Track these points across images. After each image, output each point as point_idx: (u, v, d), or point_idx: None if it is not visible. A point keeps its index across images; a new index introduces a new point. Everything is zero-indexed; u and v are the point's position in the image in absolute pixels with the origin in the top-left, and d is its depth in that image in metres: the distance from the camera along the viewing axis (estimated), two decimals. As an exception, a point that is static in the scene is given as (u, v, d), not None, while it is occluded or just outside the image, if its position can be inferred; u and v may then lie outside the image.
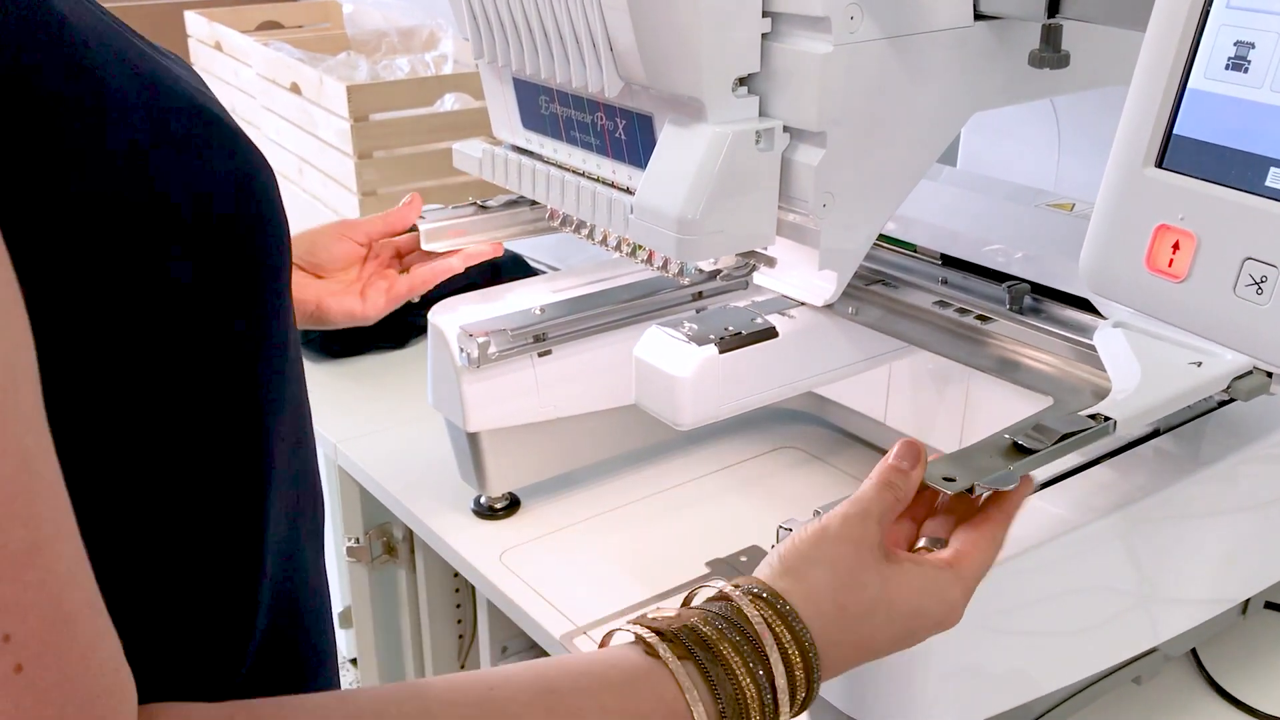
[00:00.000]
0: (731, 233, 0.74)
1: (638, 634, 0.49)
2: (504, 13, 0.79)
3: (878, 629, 0.54)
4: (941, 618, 0.56)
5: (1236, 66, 0.48)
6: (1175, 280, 0.50)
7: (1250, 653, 0.83)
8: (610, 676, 0.48)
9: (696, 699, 0.47)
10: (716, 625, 0.50)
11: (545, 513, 0.98)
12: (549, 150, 0.86)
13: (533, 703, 0.45)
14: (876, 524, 0.56)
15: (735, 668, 0.49)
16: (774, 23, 0.71)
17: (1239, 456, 0.75)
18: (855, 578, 0.54)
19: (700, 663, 0.48)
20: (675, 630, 0.49)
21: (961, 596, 0.56)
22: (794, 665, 0.50)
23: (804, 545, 0.55)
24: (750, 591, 0.52)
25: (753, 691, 0.49)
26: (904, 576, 0.55)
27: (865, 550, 0.55)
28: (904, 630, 0.55)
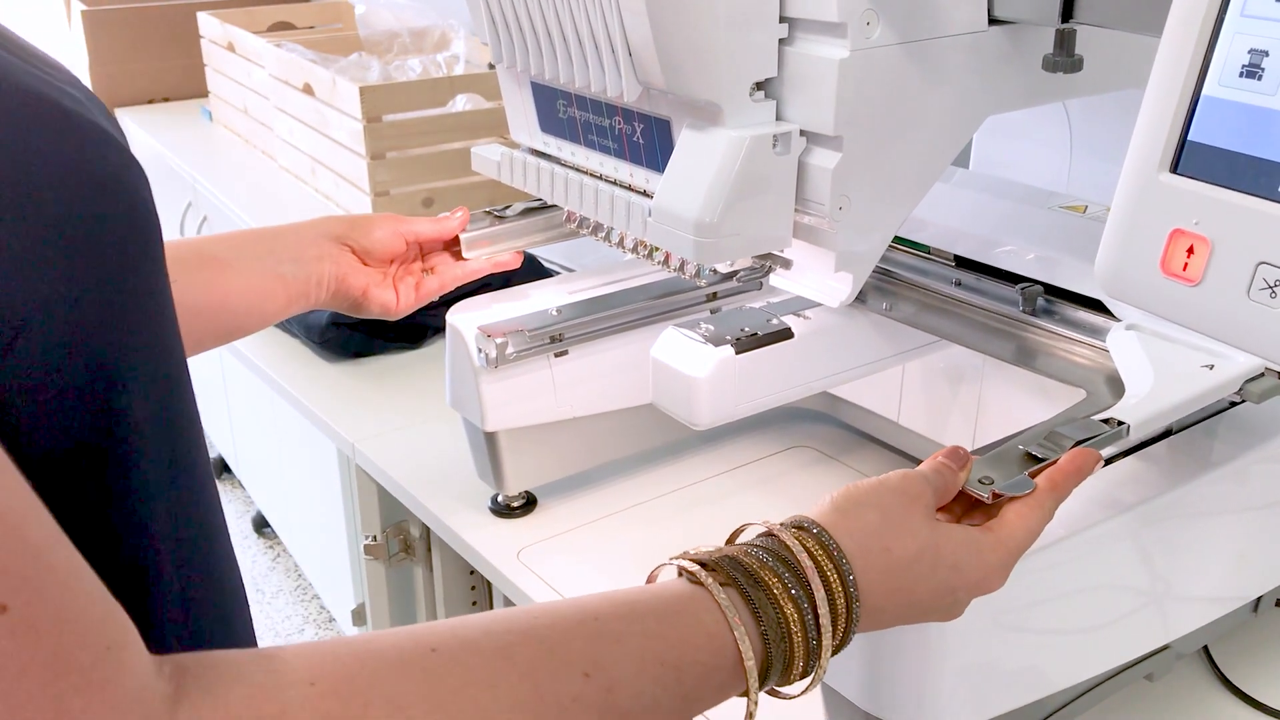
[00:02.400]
0: (748, 235, 0.74)
1: (681, 566, 0.51)
2: (523, 18, 0.80)
3: (920, 579, 0.55)
4: (980, 579, 0.57)
5: (1250, 74, 0.49)
6: (1190, 284, 0.51)
7: (1262, 650, 0.84)
8: (653, 604, 0.49)
9: (738, 622, 0.48)
10: (758, 556, 0.51)
11: (562, 511, 0.99)
12: (567, 154, 0.87)
13: (573, 630, 0.46)
14: (931, 489, 0.57)
15: (777, 593, 0.50)
16: (790, 28, 0.71)
17: (1251, 456, 0.76)
18: (904, 524, 0.55)
19: (742, 588, 0.49)
20: (717, 560, 0.50)
21: (1001, 561, 0.57)
22: (835, 593, 0.51)
23: (858, 490, 0.57)
24: (794, 525, 0.54)
25: (795, 616, 0.49)
26: (949, 531, 0.57)
27: (918, 503, 0.56)
28: (944, 585, 0.56)
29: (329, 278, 0.85)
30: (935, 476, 0.59)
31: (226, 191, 2.04)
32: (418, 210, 1.76)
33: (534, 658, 0.44)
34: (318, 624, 2.23)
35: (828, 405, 1.10)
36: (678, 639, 0.48)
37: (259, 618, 2.24)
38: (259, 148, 2.21)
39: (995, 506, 0.60)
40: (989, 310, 0.86)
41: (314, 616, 2.25)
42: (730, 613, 0.49)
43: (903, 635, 0.63)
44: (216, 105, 2.41)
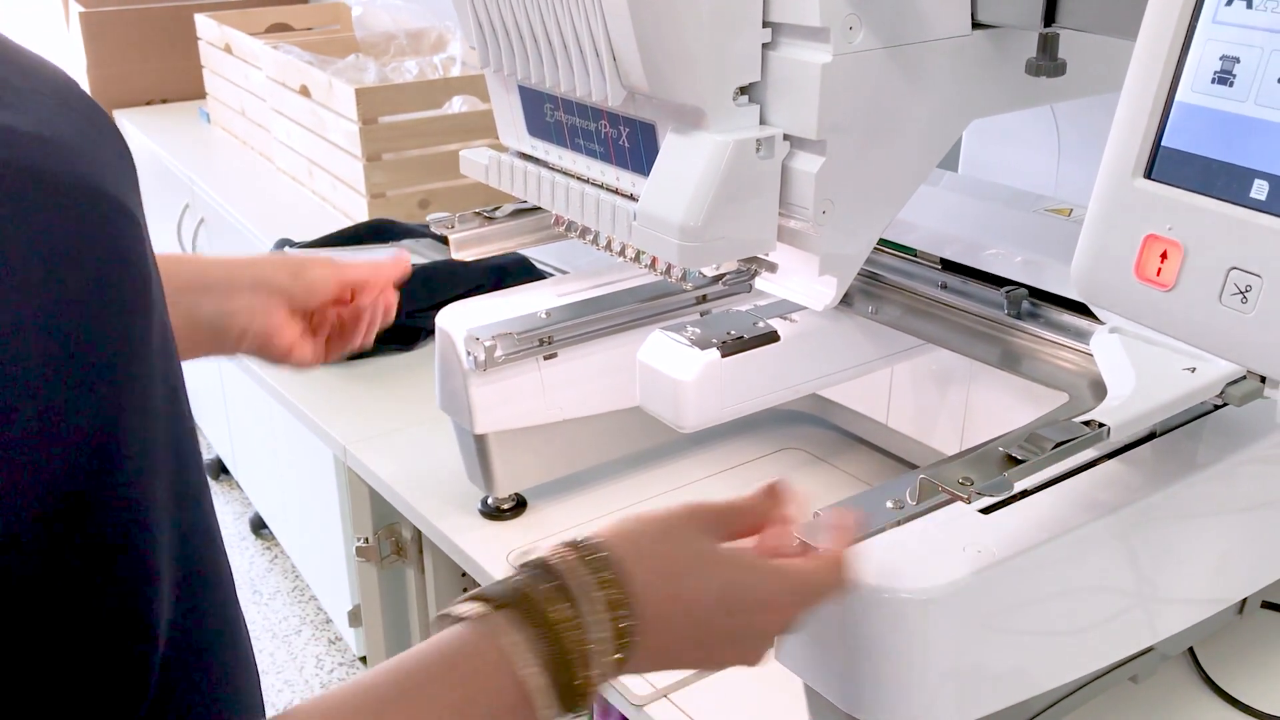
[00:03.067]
0: (733, 239, 0.75)
1: (446, 615, 0.51)
2: (509, 23, 0.80)
3: (701, 586, 0.55)
4: (765, 599, 0.57)
5: (1222, 80, 0.49)
6: (1163, 289, 0.51)
7: (1247, 652, 0.84)
8: (441, 655, 0.49)
9: (513, 646, 0.48)
10: (524, 577, 0.52)
11: (552, 513, 1.00)
12: (554, 157, 0.88)
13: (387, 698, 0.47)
14: (716, 514, 0.58)
15: (536, 597, 0.50)
16: (774, 33, 0.72)
17: (1235, 458, 0.76)
18: (682, 534, 0.56)
19: (507, 604, 0.50)
20: (488, 594, 0.51)
21: (784, 588, 0.58)
22: (591, 584, 0.51)
23: (642, 513, 0.57)
24: (559, 544, 0.54)
25: (563, 614, 0.50)
26: (732, 551, 0.58)
27: (701, 519, 0.58)
28: (726, 600, 0.56)
29: (253, 333, 0.78)
30: (727, 505, 0.60)
31: (224, 193, 2.04)
32: (414, 212, 1.77)
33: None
34: (315, 625, 2.23)
35: (817, 407, 1.10)
36: (467, 681, 0.48)
37: (257, 619, 2.25)
38: (256, 149, 2.22)
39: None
40: (974, 314, 0.86)
41: (311, 617, 2.25)
42: (505, 635, 0.49)
43: (886, 636, 0.64)
44: (214, 107, 2.42)
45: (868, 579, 0.63)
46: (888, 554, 0.65)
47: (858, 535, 0.63)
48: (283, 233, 1.64)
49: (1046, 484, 0.72)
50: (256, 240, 1.83)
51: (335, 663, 2.14)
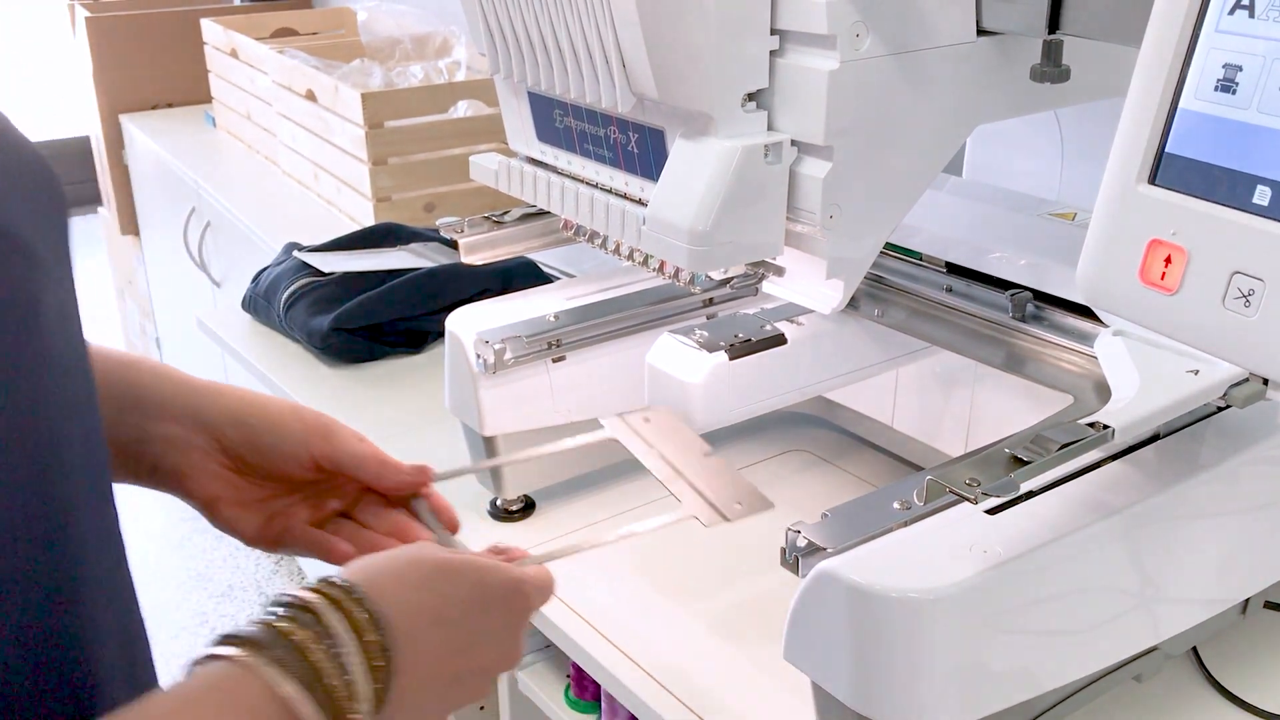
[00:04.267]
0: (741, 244, 0.76)
1: (215, 654, 0.50)
2: (519, 30, 0.81)
3: (450, 591, 0.56)
4: (512, 588, 0.59)
5: (1225, 88, 0.50)
6: (1167, 293, 0.52)
7: (1250, 651, 0.85)
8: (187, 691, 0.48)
9: (267, 665, 0.48)
10: (273, 615, 0.51)
11: (559, 515, 1.01)
12: (563, 162, 0.89)
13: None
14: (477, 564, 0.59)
15: (283, 626, 0.50)
16: (781, 40, 0.73)
17: (1238, 459, 0.77)
18: (421, 555, 0.58)
19: (257, 641, 0.49)
20: (243, 635, 0.50)
21: (520, 578, 0.60)
22: (339, 602, 0.52)
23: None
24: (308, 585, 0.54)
25: (306, 636, 0.50)
26: (466, 554, 0.60)
27: (445, 552, 0.59)
28: (480, 598, 0.57)
29: (165, 470, 0.66)
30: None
31: (229, 197, 2.05)
32: (420, 216, 1.78)
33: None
34: (321, 626, 2.24)
35: (823, 409, 1.11)
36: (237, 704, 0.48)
37: (262, 620, 2.26)
38: (262, 153, 2.23)
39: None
40: (979, 317, 0.87)
41: (317, 619, 2.26)
42: (260, 667, 0.48)
43: (893, 635, 0.65)
44: (220, 111, 2.43)
45: (876, 579, 0.63)
46: (895, 554, 0.66)
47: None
48: (289, 237, 1.65)
49: (1052, 485, 0.73)
50: (262, 244, 1.84)
51: (341, 664, 2.14)
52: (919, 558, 0.66)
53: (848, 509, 0.69)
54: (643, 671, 0.82)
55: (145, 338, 3.03)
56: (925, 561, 0.66)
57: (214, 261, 2.21)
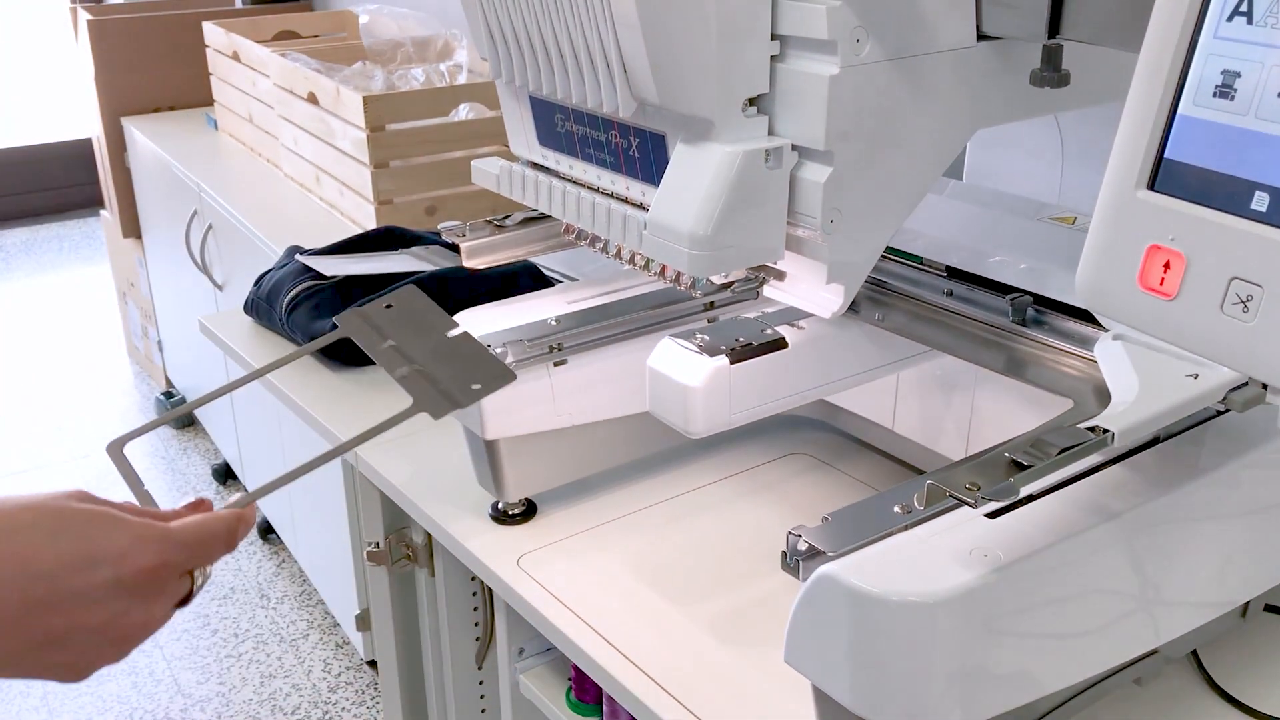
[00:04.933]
0: (742, 248, 0.76)
1: None
2: (522, 35, 0.82)
3: (42, 541, 0.52)
4: (127, 549, 0.54)
5: (1223, 94, 0.50)
6: (1166, 298, 0.52)
7: (1250, 655, 0.85)
8: None
9: None
10: None
11: (561, 518, 1.01)
12: (565, 167, 0.89)
13: None
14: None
15: None
16: (782, 45, 0.73)
17: (1238, 463, 0.77)
18: (47, 502, 0.53)
19: None
20: None
21: (156, 536, 0.55)
22: None
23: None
24: None
25: None
26: (91, 507, 0.54)
27: (76, 503, 0.54)
28: (84, 554, 0.52)
29: None
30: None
31: (231, 200, 2.05)
32: (421, 218, 1.78)
33: None
34: (322, 629, 2.24)
35: (824, 413, 1.11)
36: None
37: (265, 623, 2.26)
38: (264, 156, 2.23)
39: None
40: (980, 321, 0.87)
41: (319, 621, 2.26)
42: None
43: (894, 639, 0.65)
44: (221, 114, 2.43)
45: (876, 583, 0.64)
46: (896, 558, 0.66)
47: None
48: (290, 240, 1.65)
49: (1052, 489, 0.73)
50: (264, 246, 1.84)
51: (343, 666, 2.15)
52: (920, 561, 0.66)
53: (848, 513, 0.69)
54: (643, 674, 0.82)
55: (147, 341, 3.04)
56: (926, 565, 0.66)
57: (216, 264, 2.21)
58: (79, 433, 2.93)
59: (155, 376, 3.07)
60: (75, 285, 3.84)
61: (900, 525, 0.68)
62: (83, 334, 3.43)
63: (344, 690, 2.09)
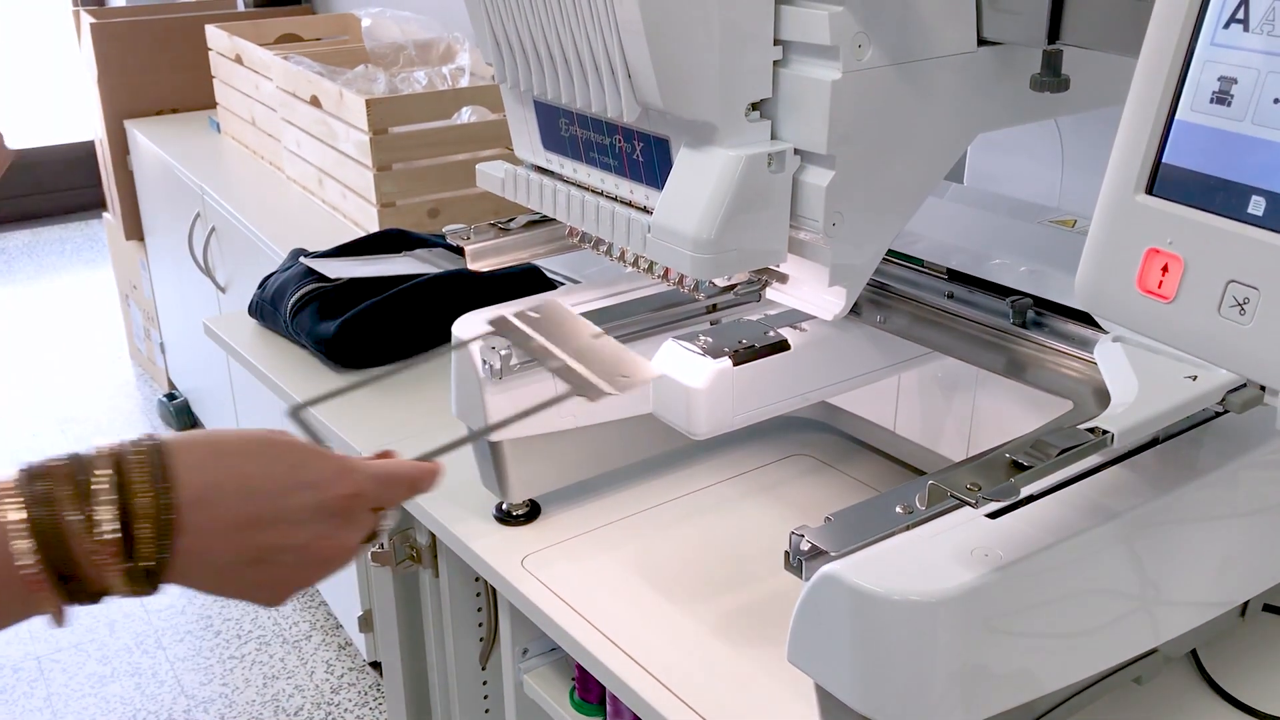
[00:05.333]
0: (745, 251, 0.77)
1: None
2: (526, 39, 0.82)
3: (261, 468, 0.57)
4: (333, 476, 0.59)
5: (1220, 100, 0.51)
6: (1164, 301, 0.53)
7: (1249, 654, 0.86)
8: None
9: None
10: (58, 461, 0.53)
11: (565, 519, 1.02)
12: (569, 170, 0.90)
13: None
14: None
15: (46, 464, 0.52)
16: (784, 50, 0.74)
17: (1237, 463, 0.78)
18: (253, 431, 0.58)
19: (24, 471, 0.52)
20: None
21: (354, 468, 0.60)
22: (129, 465, 0.53)
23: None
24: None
25: (69, 494, 0.51)
26: (300, 440, 0.60)
27: (279, 433, 0.59)
28: (294, 477, 0.57)
29: None
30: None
31: (234, 203, 2.06)
32: (424, 221, 1.79)
33: None
34: (325, 630, 2.25)
35: (826, 414, 1.12)
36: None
37: (267, 624, 2.27)
38: (266, 159, 2.24)
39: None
40: (980, 323, 0.88)
41: (321, 622, 2.27)
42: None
43: (896, 638, 0.66)
44: (224, 117, 2.44)
45: (879, 582, 0.64)
46: (898, 558, 0.67)
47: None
48: (294, 242, 1.66)
49: (1052, 489, 0.74)
50: (267, 249, 1.85)
51: (345, 667, 2.15)
52: (922, 561, 0.67)
53: (851, 513, 0.70)
54: (647, 674, 0.83)
55: (150, 343, 3.04)
56: (928, 565, 0.66)
57: (219, 267, 2.22)
58: (81, 435, 2.94)
59: (158, 378, 3.08)
60: (77, 288, 3.85)
61: (902, 525, 0.69)
62: (85, 336, 3.44)
63: (347, 691, 2.09)
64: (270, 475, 0.57)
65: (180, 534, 0.53)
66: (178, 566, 0.54)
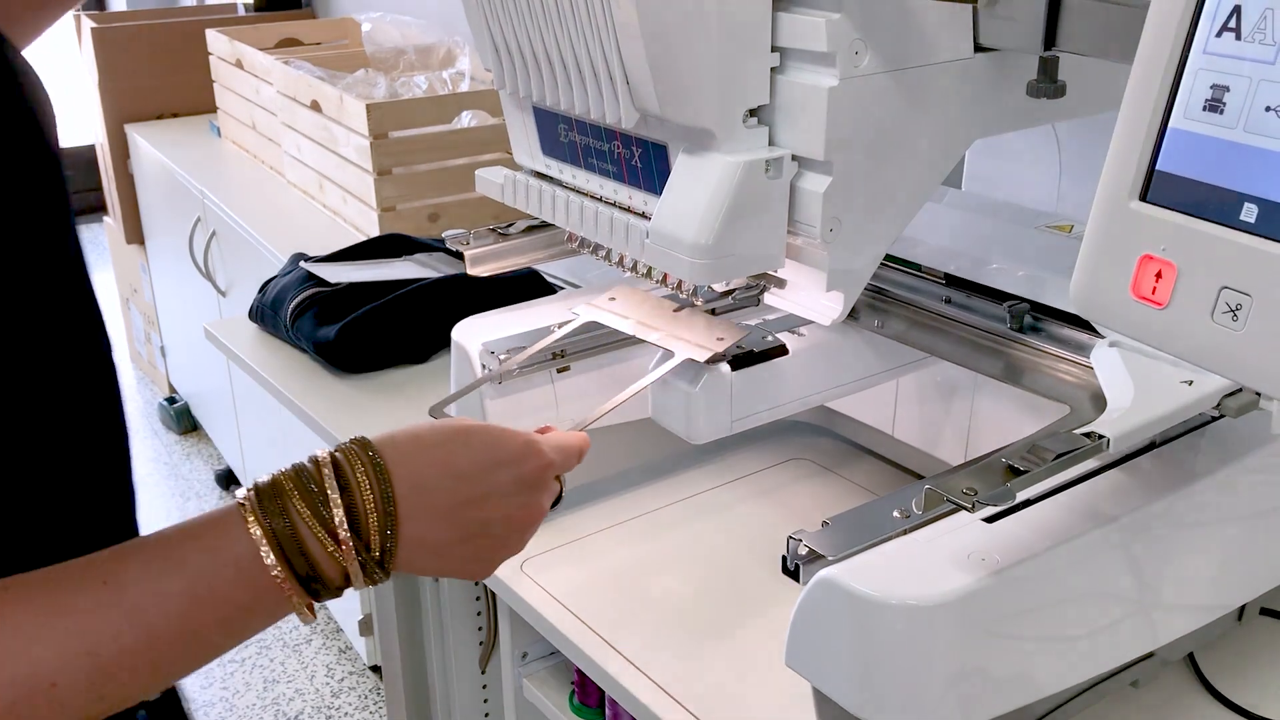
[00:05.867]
0: (743, 256, 0.77)
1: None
2: (525, 46, 0.83)
3: (463, 453, 0.62)
4: (525, 448, 0.65)
5: (1213, 108, 0.51)
6: (1158, 307, 0.53)
7: (1246, 657, 0.86)
8: (188, 527, 0.57)
9: (255, 528, 0.55)
10: (290, 470, 0.59)
11: (564, 523, 1.02)
12: (568, 176, 0.90)
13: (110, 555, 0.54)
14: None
15: (290, 490, 0.57)
16: (782, 57, 0.74)
17: (1234, 468, 0.78)
18: (443, 421, 0.64)
19: (263, 500, 0.57)
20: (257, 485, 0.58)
21: (537, 440, 0.66)
22: (355, 464, 0.58)
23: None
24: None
25: (304, 509, 0.56)
26: (486, 423, 0.66)
27: (464, 419, 0.66)
28: (492, 457, 0.63)
29: None
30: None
31: (235, 207, 2.07)
32: (424, 226, 1.79)
33: (67, 572, 0.53)
34: (325, 634, 2.25)
35: (825, 419, 1.12)
36: (200, 552, 0.55)
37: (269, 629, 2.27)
38: (267, 163, 2.24)
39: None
40: (978, 328, 0.88)
41: (321, 626, 2.27)
42: (249, 522, 0.55)
43: (893, 642, 0.66)
44: (224, 121, 2.45)
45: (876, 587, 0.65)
46: (895, 562, 0.67)
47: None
48: (294, 247, 1.66)
49: (1050, 493, 0.74)
50: (267, 253, 1.85)
51: (346, 671, 2.16)
52: (919, 565, 0.67)
53: (848, 517, 0.70)
54: (646, 677, 0.83)
55: (150, 346, 3.05)
56: (925, 569, 0.67)
57: (219, 271, 2.22)
58: (82, 438, 2.94)
59: (158, 382, 3.08)
60: (78, 291, 3.85)
61: (899, 530, 0.69)
62: (86, 340, 3.43)
63: (347, 695, 2.10)
64: (471, 458, 0.62)
65: (402, 522, 0.58)
66: (402, 553, 0.59)
